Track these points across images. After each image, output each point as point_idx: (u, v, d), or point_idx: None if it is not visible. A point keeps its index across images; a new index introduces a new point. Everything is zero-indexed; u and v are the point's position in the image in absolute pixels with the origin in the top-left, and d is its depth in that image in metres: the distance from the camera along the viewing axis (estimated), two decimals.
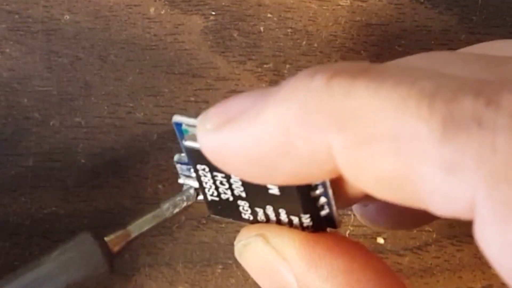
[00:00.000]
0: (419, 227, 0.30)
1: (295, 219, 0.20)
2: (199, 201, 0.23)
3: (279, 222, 0.21)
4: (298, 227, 0.20)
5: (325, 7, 0.30)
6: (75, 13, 0.30)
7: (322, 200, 0.19)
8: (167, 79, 0.30)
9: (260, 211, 0.21)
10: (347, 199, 0.20)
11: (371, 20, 0.30)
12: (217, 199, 0.21)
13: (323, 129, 0.16)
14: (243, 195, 0.21)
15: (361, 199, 0.20)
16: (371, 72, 0.16)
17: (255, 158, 0.18)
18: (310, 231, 0.20)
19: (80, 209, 0.30)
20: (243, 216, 0.21)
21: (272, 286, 0.21)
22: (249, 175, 0.18)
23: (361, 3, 0.30)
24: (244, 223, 0.22)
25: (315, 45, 0.30)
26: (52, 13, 0.30)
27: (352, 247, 0.20)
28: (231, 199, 0.21)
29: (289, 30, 0.30)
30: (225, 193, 0.21)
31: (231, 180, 0.20)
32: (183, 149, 0.20)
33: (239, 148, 0.18)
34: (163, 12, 0.30)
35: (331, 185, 0.19)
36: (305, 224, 0.20)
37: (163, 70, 0.30)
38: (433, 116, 0.15)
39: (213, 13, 0.29)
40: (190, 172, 0.21)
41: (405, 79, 0.16)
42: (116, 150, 0.30)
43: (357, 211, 0.25)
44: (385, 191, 0.17)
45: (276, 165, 0.17)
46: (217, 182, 0.21)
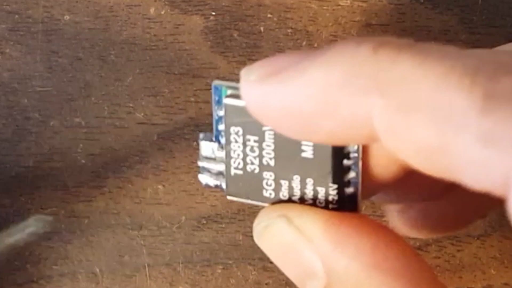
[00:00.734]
0: (459, 230, 0.30)
1: (320, 191, 0.20)
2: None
3: (302, 199, 0.21)
4: (321, 202, 0.20)
5: (325, 7, 0.30)
6: (75, 13, 0.30)
7: (351, 174, 0.20)
8: (167, 79, 0.30)
9: (284, 184, 0.21)
10: (374, 183, 0.20)
11: (371, 21, 0.30)
12: (240, 172, 0.21)
13: (366, 92, 0.17)
14: (272, 163, 0.20)
15: (387, 186, 0.20)
16: (416, 46, 0.17)
17: (296, 114, 0.18)
18: (333, 208, 0.20)
19: (80, 209, 0.30)
20: (264, 193, 0.21)
21: (295, 269, 0.21)
22: (289, 129, 0.19)
23: (361, 3, 0.30)
24: (262, 204, 0.21)
25: (315, 45, 0.30)
26: (52, 13, 0.30)
27: (377, 226, 0.20)
28: (256, 170, 0.21)
29: (289, 30, 0.30)
30: (252, 163, 0.21)
31: (263, 144, 0.20)
32: (221, 111, 0.20)
33: (282, 102, 0.18)
34: (163, 12, 0.30)
35: (362, 164, 0.19)
36: (330, 198, 0.20)
37: (163, 70, 0.30)
38: (474, 89, 0.16)
39: (213, 13, 0.29)
40: (214, 151, 0.21)
41: (449, 55, 0.17)
42: (116, 150, 0.30)
43: (397, 219, 0.24)
44: (421, 160, 0.17)
45: (317, 122, 0.18)
46: (247, 148, 0.20)
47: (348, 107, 0.17)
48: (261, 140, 0.20)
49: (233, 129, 0.20)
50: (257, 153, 0.20)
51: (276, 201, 0.21)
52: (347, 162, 0.20)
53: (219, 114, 0.20)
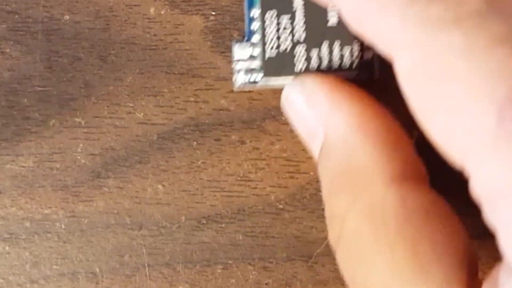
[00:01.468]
0: None
1: (346, 51, 0.25)
2: None
3: (329, 67, 0.25)
4: (346, 63, 0.25)
5: None
6: (75, 13, 0.30)
7: None
8: (167, 79, 0.30)
9: (314, 54, 0.25)
10: None
11: None
12: (275, 54, 0.25)
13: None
14: (303, 37, 0.25)
15: None
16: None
17: None
18: (356, 68, 0.25)
19: (80, 209, 0.30)
20: (296, 68, 0.25)
21: (305, 130, 0.25)
22: None
23: None
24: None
25: None
26: (52, 13, 0.30)
27: (371, 98, 0.24)
28: (289, 48, 0.25)
29: None
30: (285, 42, 0.25)
31: (295, 22, 0.25)
32: (254, 9, 0.25)
33: None
34: (163, 12, 0.30)
35: None
36: (354, 55, 0.24)
37: (163, 70, 0.30)
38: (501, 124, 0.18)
39: (213, 13, 0.29)
40: (245, 52, 0.26)
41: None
42: (116, 150, 0.30)
43: None
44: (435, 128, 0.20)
45: None
46: (281, 29, 0.25)
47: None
48: (293, 18, 0.25)
49: (268, 14, 0.25)
50: (289, 30, 0.25)
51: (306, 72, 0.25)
52: None
53: (252, 14, 0.25)
